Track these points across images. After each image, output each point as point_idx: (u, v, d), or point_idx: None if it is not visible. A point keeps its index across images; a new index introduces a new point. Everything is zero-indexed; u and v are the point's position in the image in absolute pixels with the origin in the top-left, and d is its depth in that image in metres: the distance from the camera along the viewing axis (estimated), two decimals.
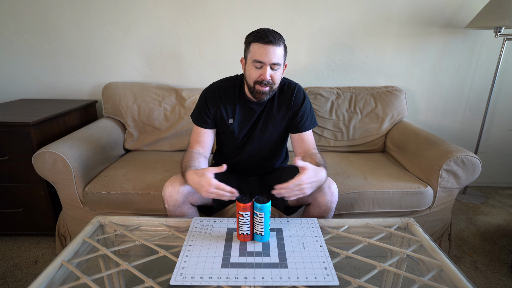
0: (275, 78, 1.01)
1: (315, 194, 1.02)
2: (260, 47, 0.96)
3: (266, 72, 0.98)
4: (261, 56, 0.97)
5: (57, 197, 1.40)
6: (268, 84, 1.00)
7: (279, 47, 0.98)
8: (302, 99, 1.12)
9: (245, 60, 1.06)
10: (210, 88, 1.13)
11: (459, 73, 1.86)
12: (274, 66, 0.99)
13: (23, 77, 1.83)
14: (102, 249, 0.84)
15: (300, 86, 1.15)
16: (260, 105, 1.12)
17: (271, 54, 0.96)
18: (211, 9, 1.72)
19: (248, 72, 1.02)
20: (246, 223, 0.83)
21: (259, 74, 1.00)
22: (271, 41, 0.95)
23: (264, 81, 0.99)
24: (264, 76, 0.98)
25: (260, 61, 0.97)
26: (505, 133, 1.99)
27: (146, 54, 1.80)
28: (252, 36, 0.99)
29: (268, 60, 0.97)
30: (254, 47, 0.98)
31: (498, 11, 1.51)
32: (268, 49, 0.96)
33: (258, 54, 0.97)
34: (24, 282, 1.24)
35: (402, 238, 0.95)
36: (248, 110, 1.12)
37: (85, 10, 1.71)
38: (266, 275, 0.72)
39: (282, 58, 1.00)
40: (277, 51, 0.97)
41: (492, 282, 1.26)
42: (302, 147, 1.13)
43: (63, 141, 1.30)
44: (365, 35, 1.78)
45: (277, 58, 0.98)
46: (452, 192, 1.32)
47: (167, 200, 1.02)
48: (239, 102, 1.12)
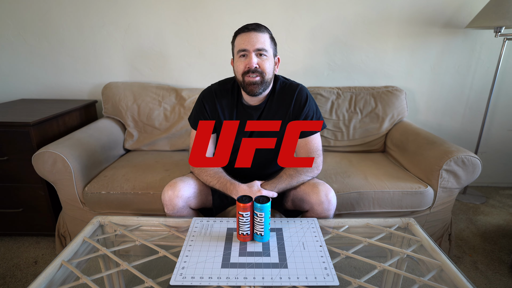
0: (264, 66, 0.96)
1: (312, 202, 1.00)
2: (242, 36, 0.95)
3: (251, 59, 0.94)
4: (244, 44, 0.94)
5: (57, 197, 1.40)
6: (256, 72, 0.95)
7: (263, 33, 0.95)
8: (304, 101, 1.04)
9: (233, 58, 1.03)
10: (208, 91, 1.09)
11: (459, 73, 1.86)
12: (260, 52, 0.94)
13: (23, 77, 1.83)
14: (102, 249, 0.83)
15: (303, 86, 1.07)
16: (258, 109, 1.07)
17: (254, 40, 0.93)
18: (211, 9, 1.72)
19: (236, 67, 0.99)
20: (246, 223, 0.83)
21: (245, 64, 0.95)
22: (253, 28, 0.94)
23: (251, 69, 0.94)
24: (250, 63, 0.94)
25: (243, 49, 0.94)
26: (505, 133, 1.99)
27: (146, 54, 1.79)
28: (234, 33, 0.99)
29: (252, 46, 0.93)
30: (237, 39, 0.97)
31: (498, 11, 1.51)
32: (250, 35, 0.93)
33: (241, 43, 0.95)
34: (24, 282, 1.23)
35: (402, 238, 0.95)
36: (245, 115, 1.07)
37: (85, 10, 1.71)
38: (266, 275, 0.72)
39: (269, 45, 0.97)
40: (260, 38, 0.94)
41: (492, 282, 1.26)
42: (304, 153, 1.07)
43: (63, 141, 1.30)
44: (365, 35, 1.78)
45: (261, 44, 0.94)
46: (452, 192, 1.32)
47: (166, 204, 1.02)
48: (237, 107, 1.08)
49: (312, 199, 1.00)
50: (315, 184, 1.03)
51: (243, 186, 1.01)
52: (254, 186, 1.01)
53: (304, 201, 1.03)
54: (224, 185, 1.03)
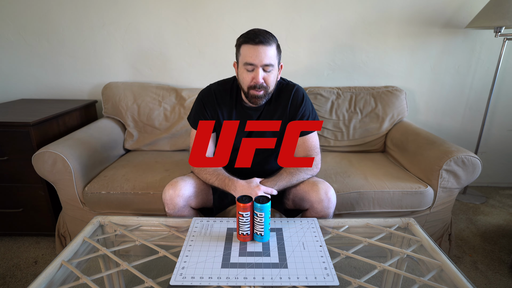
0: (269, 80, 0.98)
1: (312, 200, 1.01)
2: (250, 48, 0.93)
3: (258, 75, 0.94)
4: (252, 58, 0.93)
5: (57, 197, 1.40)
6: (262, 88, 0.97)
7: (271, 47, 0.94)
8: (301, 101, 1.07)
9: (237, 63, 1.02)
10: (207, 91, 1.10)
11: (459, 73, 1.86)
12: (267, 68, 0.95)
13: (23, 77, 1.83)
14: (102, 249, 0.84)
15: (299, 87, 1.10)
16: (257, 110, 1.08)
17: (262, 55, 0.93)
18: (211, 9, 1.71)
19: (241, 76, 0.99)
20: (246, 223, 0.83)
21: (251, 77, 0.96)
22: (261, 41, 0.92)
23: (257, 85, 0.96)
24: (256, 79, 0.95)
25: (251, 63, 0.94)
26: (505, 133, 1.99)
27: (146, 54, 1.79)
28: (242, 38, 0.96)
29: (259, 62, 0.93)
30: (244, 49, 0.95)
31: (498, 11, 1.51)
32: (258, 50, 0.92)
33: (249, 56, 0.94)
34: (24, 282, 1.24)
35: (402, 238, 0.95)
36: (244, 115, 1.09)
37: (85, 10, 1.71)
38: (266, 275, 0.72)
39: (275, 58, 0.97)
40: (268, 52, 0.93)
41: (492, 282, 1.26)
42: (302, 151, 1.10)
43: (63, 141, 1.30)
44: (365, 35, 1.78)
45: (269, 59, 0.94)
46: (452, 192, 1.32)
47: (167, 203, 1.02)
48: (235, 108, 1.09)
49: (312, 197, 1.00)
50: (314, 183, 1.03)
51: (242, 182, 1.01)
52: (252, 182, 1.01)
53: (304, 200, 1.04)
54: (223, 182, 1.03)
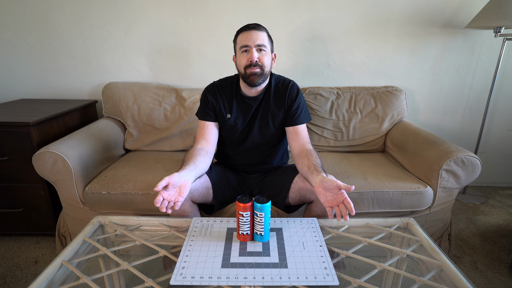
0: (263, 60, 1.07)
1: None
2: (244, 34, 1.07)
3: (253, 54, 1.05)
4: (246, 40, 1.06)
5: (57, 197, 1.40)
6: (257, 66, 1.06)
7: (262, 32, 1.07)
8: (296, 94, 1.18)
9: (235, 55, 1.13)
10: (210, 85, 1.21)
11: (459, 73, 1.86)
12: (260, 48, 1.06)
13: (23, 77, 1.84)
14: (102, 249, 0.84)
15: (294, 82, 1.20)
16: (256, 100, 1.16)
17: (255, 36, 1.05)
18: (211, 9, 1.72)
19: (238, 61, 1.10)
20: (246, 223, 0.83)
21: (247, 58, 1.06)
22: (254, 27, 1.07)
23: (252, 63, 1.05)
24: (251, 57, 1.05)
25: (245, 45, 1.06)
26: (505, 133, 1.99)
27: (146, 54, 1.80)
28: (236, 32, 1.11)
29: (253, 42, 1.05)
30: (239, 37, 1.09)
31: (498, 11, 1.51)
32: (251, 33, 1.05)
33: (243, 39, 1.06)
34: (24, 282, 1.24)
35: (402, 238, 0.95)
36: (244, 105, 1.17)
37: (85, 10, 1.71)
38: (266, 275, 0.72)
39: (267, 42, 1.08)
40: (260, 35, 1.06)
41: (492, 282, 1.26)
42: (297, 140, 1.14)
43: (63, 141, 1.30)
44: (365, 35, 1.78)
45: (261, 40, 1.06)
46: (452, 192, 1.32)
47: None
48: (236, 98, 1.17)
49: None
50: None
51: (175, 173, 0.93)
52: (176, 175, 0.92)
53: (311, 191, 1.04)
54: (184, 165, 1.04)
